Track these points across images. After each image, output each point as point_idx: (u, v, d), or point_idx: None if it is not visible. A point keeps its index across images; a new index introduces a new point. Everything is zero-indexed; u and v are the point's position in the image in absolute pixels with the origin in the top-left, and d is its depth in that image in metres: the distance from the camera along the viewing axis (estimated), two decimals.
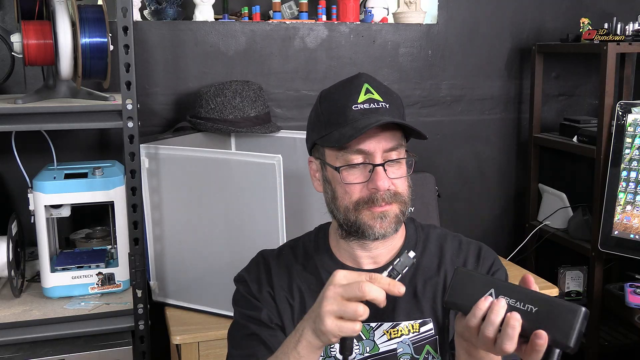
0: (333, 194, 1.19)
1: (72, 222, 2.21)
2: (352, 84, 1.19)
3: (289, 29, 2.43)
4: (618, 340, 2.60)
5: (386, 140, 1.16)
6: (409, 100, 2.61)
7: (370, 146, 1.15)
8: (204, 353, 1.84)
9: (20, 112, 1.73)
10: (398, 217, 1.17)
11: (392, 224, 1.16)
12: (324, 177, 1.22)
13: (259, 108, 2.19)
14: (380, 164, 1.15)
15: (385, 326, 1.19)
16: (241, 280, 1.26)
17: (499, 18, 2.69)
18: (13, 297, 1.85)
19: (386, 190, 1.15)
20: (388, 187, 1.15)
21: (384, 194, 1.15)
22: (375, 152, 1.15)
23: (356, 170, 1.16)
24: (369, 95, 1.18)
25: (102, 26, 1.79)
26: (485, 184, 2.78)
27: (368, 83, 1.19)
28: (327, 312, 0.96)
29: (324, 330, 0.97)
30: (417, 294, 1.20)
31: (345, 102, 1.17)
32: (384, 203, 1.15)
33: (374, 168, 1.14)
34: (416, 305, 1.19)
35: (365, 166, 1.15)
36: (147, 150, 1.86)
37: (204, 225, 1.86)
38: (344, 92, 1.19)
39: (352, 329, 0.96)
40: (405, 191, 1.19)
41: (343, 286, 0.97)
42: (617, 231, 2.30)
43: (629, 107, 2.29)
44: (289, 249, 1.28)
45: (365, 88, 1.18)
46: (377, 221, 1.15)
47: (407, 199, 1.19)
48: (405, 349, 1.18)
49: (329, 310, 0.96)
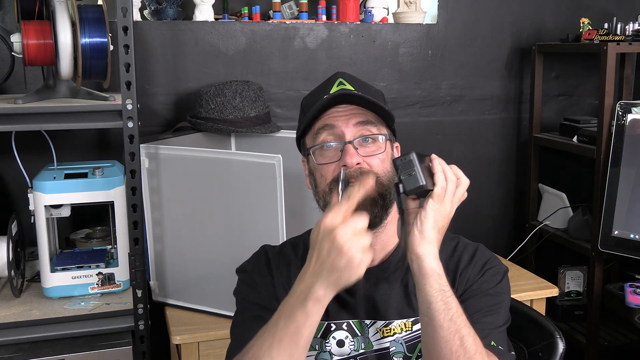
0: (315, 183, 1.21)
1: (72, 222, 2.21)
2: (328, 81, 1.25)
3: (289, 29, 2.43)
4: (618, 340, 2.60)
5: (355, 118, 1.18)
6: (409, 100, 2.61)
7: (335, 121, 1.17)
8: (204, 353, 1.84)
9: (20, 112, 1.72)
10: (375, 201, 1.14)
11: (368, 206, 1.12)
12: (310, 170, 1.24)
13: (259, 108, 2.19)
14: (350, 141, 1.16)
15: (378, 324, 1.19)
16: (243, 271, 1.29)
17: (499, 18, 2.69)
18: (13, 297, 1.85)
19: (356, 167, 1.14)
20: (358, 163, 1.14)
21: (353, 171, 1.14)
22: (344, 128, 1.17)
23: (329, 152, 1.18)
24: (341, 86, 1.22)
25: (102, 26, 1.79)
26: (485, 184, 2.78)
27: (342, 78, 1.23)
28: (353, 251, 0.96)
29: (356, 269, 0.97)
30: (409, 293, 1.20)
31: (319, 95, 1.21)
32: (353, 180, 1.12)
33: (343, 146, 1.16)
34: (408, 304, 1.20)
35: (338, 146, 1.17)
36: (147, 150, 1.86)
37: (204, 225, 1.86)
38: (320, 88, 1.25)
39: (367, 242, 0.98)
40: (381, 171, 1.17)
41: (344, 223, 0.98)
42: (617, 231, 2.30)
43: (629, 107, 2.29)
44: (290, 246, 1.31)
45: (338, 81, 1.23)
46: None
47: (385, 181, 1.16)
48: (398, 348, 1.18)
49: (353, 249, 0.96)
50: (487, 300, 1.16)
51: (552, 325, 1.40)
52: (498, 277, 1.21)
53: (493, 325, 1.15)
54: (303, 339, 1.03)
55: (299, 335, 1.02)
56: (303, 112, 1.28)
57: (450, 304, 1.03)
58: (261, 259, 1.29)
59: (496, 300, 1.18)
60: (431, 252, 1.04)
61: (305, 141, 1.25)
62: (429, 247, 1.04)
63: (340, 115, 1.18)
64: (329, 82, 1.25)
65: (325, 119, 1.19)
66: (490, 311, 1.16)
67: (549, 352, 1.36)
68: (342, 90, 1.20)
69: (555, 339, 1.36)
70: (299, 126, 1.26)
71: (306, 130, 1.23)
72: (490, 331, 1.13)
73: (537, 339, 1.40)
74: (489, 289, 1.18)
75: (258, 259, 1.30)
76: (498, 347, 1.13)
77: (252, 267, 1.28)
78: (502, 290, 1.20)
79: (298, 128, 1.26)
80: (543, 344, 1.38)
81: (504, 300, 1.20)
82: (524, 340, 1.42)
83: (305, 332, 1.02)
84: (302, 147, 1.28)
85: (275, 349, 1.02)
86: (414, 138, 2.62)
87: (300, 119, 1.29)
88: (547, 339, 1.38)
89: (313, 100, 1.22)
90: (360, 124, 1.18)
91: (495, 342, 1.13)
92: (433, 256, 1.04)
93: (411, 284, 1.20)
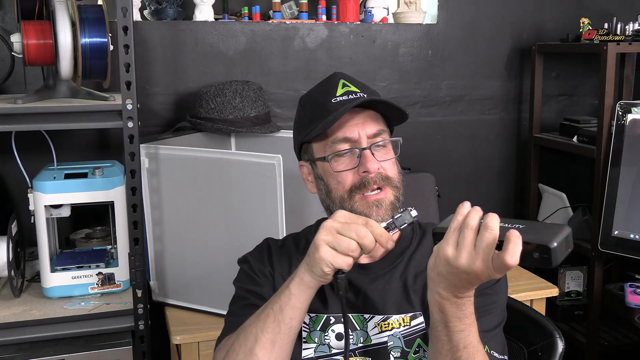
0: (327, 189, 1.23)
1: (72, 222, 2.21)
2: (329, 82, 1.26)
3: (289, 29, 2.43)
4: (618, 340, 2.61)
5: (369, 126, 1.21)
6: (409, 100, 2.61)
7: (354, 133, 1.20)
8: (204, 353, 1.84)
9: (20, 112, 1.72)
10: (393, 204, 1.20)
11: (389, 210, 1.18)
12: (316, 175, 1.26)
13: (259, 108, 2.19)
14: (367, 147, 1.19)
15: (376, 319, 1.20)
16: (245, 261, 1.31)
17: (499, 18, 2.69)
18: (13, 297, 1.85)
19: (377, 172, 1.18)
20: (378, 169, 1.19)
21: (375, 177, 1.18)
22: (360, 137, 1.20)
23: (344, 159, 1.21)
24: (346, 88, 1.24)
25: (102, 26, 1.79)
26: (485, 184, 2.78)
27: (344, 79, 1.26)
28: (322, 241, 1.04)
29: (318, 257, 1.03)
30: (408, 287, 1.21)
31: (324, 98, 1.23)
32: (375, 186, 1.18)
33: (361, 153, 1.19)
34: (407, 299, 1.21)
35: (353, 152, 1.20)
36: (147, 150, 1.86)
37: (204, 225, 1.87)
38: (322, 90, 1.26)
39: (344, 261, 1.03)
40: (395, 175, 1.22)
41: (342, 223, 1.04)
42: (617, 231, 2.30)
43: (629, 107, 2.29)
44: (292, 240, 1.33)
45: (341, 83, 1.25)
46: (372, 209, 1.18)
47: (398, 184, 1.22)
48: (396, 342, 1.19)
49: (324, 239, 1.04)
50: (483, 300, 1.16)
51: (552, 325, 1.40)
52: None
53: (488, 327, 1.15)
54: (285, 322, 1.07)
55: (282, 315, 1.07)
56: (305, 114, 1.27)
57: (451, 338, 1.00)
58: (263, 251, 1.31)
59: (492, 299, 1.18)
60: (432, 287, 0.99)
61: (311, 147, 1.25)
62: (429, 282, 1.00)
63: (356, 122, 1.21)
64: (330, 84, 1.25)
65: (344, 129, 1.20)
66: (486, 311, 1.16)
67: (549, 352, 1.36)
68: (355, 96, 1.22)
69: (555, 338, 1.36)
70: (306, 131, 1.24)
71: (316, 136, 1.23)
72: (484, 334, 1.12)
73: (537, 339, 1.40)
74: (486, 288, 1.18)
75: (260, 250, 1.32)
76: (492, 354, 1.14)
77: (253, 258, 1.30)
78: (499, 290, 1.21)
79: (306, 132, 1.24)
80: (542, 343, 1.38)
81: (500, 299, 1.21)
82: (524, 340, 1.42)
83: (287, 313, 1.07)
84: (303, 151, 1.28)
85: (260, 327, 1.08)
86: (414, 138, 2.62)
87: (302, 120, 1.28)
88: (546, 338, 1.38)
89: (319, 104, 1.23)
90: (374, 129, 1.21)
91: (489, 347, 1.13)
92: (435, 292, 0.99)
93: (410, 280, 1.22)
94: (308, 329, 1.21)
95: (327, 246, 1.03)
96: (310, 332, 1.21)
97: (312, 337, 1.21)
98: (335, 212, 1.08)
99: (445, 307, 0.98)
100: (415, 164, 2.54)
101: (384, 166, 1.20)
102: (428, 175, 2.43)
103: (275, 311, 1.08)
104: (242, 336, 1.11)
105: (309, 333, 1.21)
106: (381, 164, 1.20)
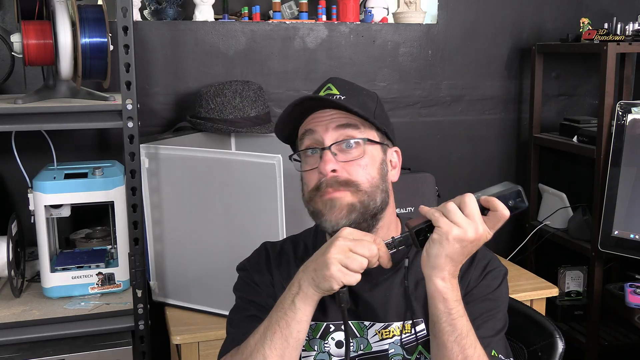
0: (301, 190, 1.21)
1: (72, 222, 2.21)
2: (320, 86, 1.24)
3: (289, 29, 2.43)
4: (618, 340, 2.60)
5: (336, 120, 1.15)
6: (409, 100, 2.61)
7: (318, 127, 1.15)
8: (204, 353, 1.84)
9: (20, 112, 1.72)
10: (353, 207, 1.12)
11: (344, 212, 1.12)
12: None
13: (259, 108, 2.19)
14: (326, 147, 1.14)
15: (377, 326, 1.19)
16: (243, 269, 1.30)
17: (499, 18, 2.69)
18: (13, 297, 1.85)
19: (332, 175, 1.12)
20: (333, 171, 1.12)
21: (329, 180, 1.12)
22: (322, 133, 1.15)
23: (310, 159, 1.18)
24: (327, 91, 1.21)
25: (102, 26, 1.79)
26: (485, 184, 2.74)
27: (332, 83, 1.22)
28: (334, 259, 1.03)
29: (328, 275, 1.02)
30: (409, 294, 1.19)
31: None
32: (330, 189, 1.12)
33: (322, 152, 1.15)
34: (408, 307, 1.19)
35: (318, 153, 1.16)
36: (147, 150, 1.86)
37: (204, 225, 1.87)
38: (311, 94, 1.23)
39: (354, 279, 1.03)
40: (361, 179, 1.14)
41: (352, 241, 1.03)
42: (617, 231, 2.30)
43: (629, 107, 2.29)
44: (290, 243, 1.31)
45: (327, 86, 1.22)
46: (326, 209, 1.13)
47: (367, 189, 1.14)
48: (397, 350, 1.18)
49: (336, 258, 1.02)
50: (486, 305, 1.16)
51: (552, 325, 1.40)
52: (497, 280, 1.21)
53: (492, 332, 1.15)
54: (293, 336, 1.07)
55: (289, 330, 1.07)
56: None
57: (455, 326, 1.04)
58: (261, 257, 1.29)
59: (494, 305, 1.18)
60: (437, 275, 1.04)
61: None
62: (434, 271, 1.04)
63: (321, 120, 1.16)
64: (320, 87, 1.24)
65: (306, 124, 1.18)
66: (490, 316, 1.16)
67: (549, 352, 1.36)
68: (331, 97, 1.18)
69: (555, 338, 1.36)
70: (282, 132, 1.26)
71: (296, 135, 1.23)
72: (490, 339, 1.13)
73: (537, 339, 1.40)
74: (489, 293, 1.18)
75: (258, 256, 1.30)
76: (499, 357, 1.14)
77: (251, 266, 1.29)
78: (500, 295, 1.20)
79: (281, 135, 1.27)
80: (542, 343, 1.38)
81: (502, 304, 1.20)
82: (524, 340, 1.42)
83: (294, 327, 1.07)
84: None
85: (268, 345, 1.07)
86: (414, 138, 2.62)
87: None
88: (546, 338, 1.38)
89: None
90: (340, 127, 1.15)
91: (495, 351, 1.13)
92: (440, 279, 1.04)
93: (411, 287, 1.20)
94: (308, 337, 1.20)
95: (338, 264, 1.02)
96: (309, 339, 1.20)
97: (311, 345, 1.20)
98: (341, 230, 1.06)
99: (447, 293, 1.04)
100: (415, 164, 2.54)
101: (348, 169, 1.13)
102: (428, 175, 2.43)
103: (282, 327, 1.07)
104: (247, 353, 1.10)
105: (308, 341, 1.20)
106: (345, 166, 1.13)
